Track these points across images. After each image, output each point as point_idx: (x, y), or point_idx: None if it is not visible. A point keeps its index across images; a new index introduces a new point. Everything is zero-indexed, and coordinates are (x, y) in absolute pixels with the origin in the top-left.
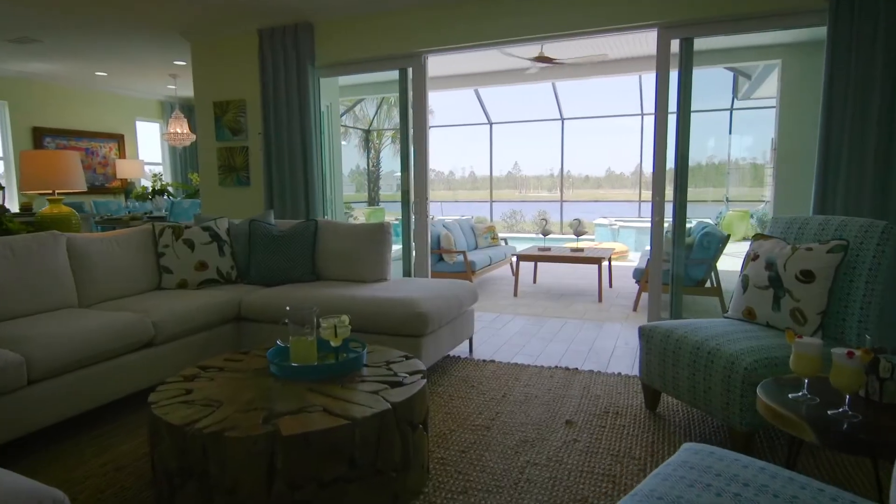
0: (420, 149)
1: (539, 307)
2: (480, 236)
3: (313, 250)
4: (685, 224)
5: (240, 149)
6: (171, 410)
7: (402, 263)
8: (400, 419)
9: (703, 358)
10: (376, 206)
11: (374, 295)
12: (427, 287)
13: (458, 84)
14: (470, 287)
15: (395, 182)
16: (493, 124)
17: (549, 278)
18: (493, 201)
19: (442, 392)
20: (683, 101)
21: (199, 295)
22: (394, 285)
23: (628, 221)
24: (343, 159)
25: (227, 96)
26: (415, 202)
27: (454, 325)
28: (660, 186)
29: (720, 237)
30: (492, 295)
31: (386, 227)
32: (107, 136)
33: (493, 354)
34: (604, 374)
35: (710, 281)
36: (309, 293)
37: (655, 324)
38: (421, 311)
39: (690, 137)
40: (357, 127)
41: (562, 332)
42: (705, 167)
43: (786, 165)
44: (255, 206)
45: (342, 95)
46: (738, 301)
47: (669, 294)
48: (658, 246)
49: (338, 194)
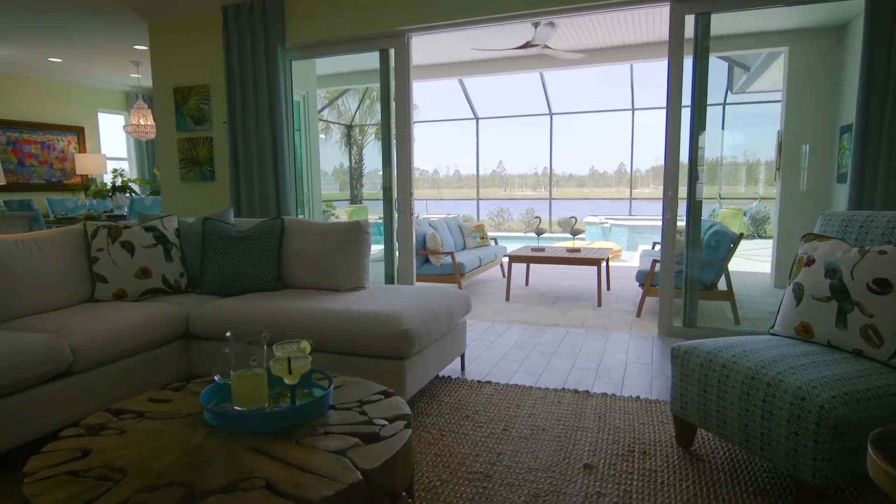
0: (403, 139)
1: (534, 313)
2: (468, 236)
3: (279, 254)
4: (700, 223)
5: (203, 140)
6: (48, 489)
7: (384, 266)
8: (375, 492)
9: (760, 390)
10: (359, 204)
11: (349, 308)
12: (412, 297)
13: (442, 74)
14: (462, 296)
15: (379, 180)
16: (479, 119)
17: (543, 280)
18: (479, 199)
19: (430, 426)
20: (699, 89)
21: (139, 308)
22: (373, 295)
23: (619, 220)
24: (326, 156)
25: (188, 81)
26: (398, 199)
27: (444, 342)
28: (672, 181)
29: (731, 236)
30: (482, 299)
31: (363, 227)
32: (65, 128)
33: (488, 373)
34: (620, 399)
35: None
36: (271, 305)
37: (692, 344)
38: (404, 329)
39: (682, 133)
40: (339, 122)
41: (564, 345)
42: (712, 163)
43: (793, 159)
44: (221, 203)
45: (321, 86)
46: (790, 314)
47: (682, 299)
48: (670, 246)
49: (316, 191)
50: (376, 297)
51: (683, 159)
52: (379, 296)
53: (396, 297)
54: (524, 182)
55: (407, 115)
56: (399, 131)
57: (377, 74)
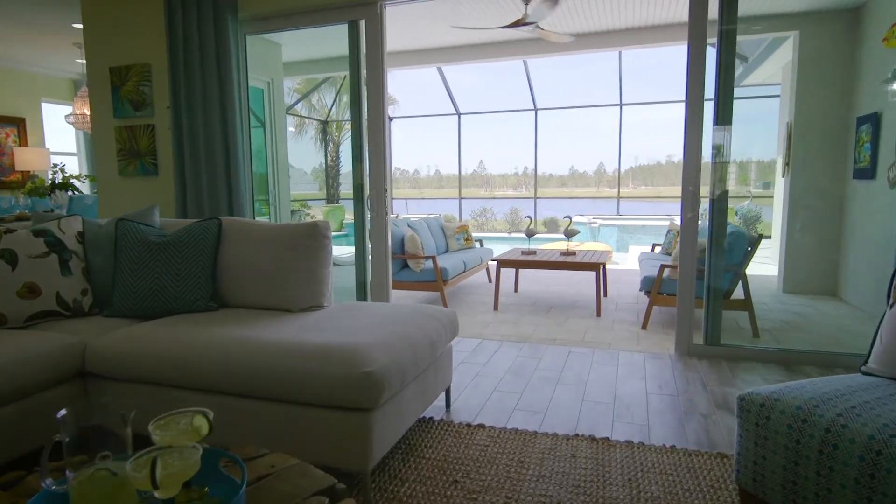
0: (376, 127)
1: (527, 325)
2: (451, 237)
3: (214, 264)
4: (725, 225)
5: (144, 128)
6: None
7: (356, 272)
8: None
9: (892, 471)
10: (336, 203)
11: (300, 340)
12: (384, 321)
13: (421, 60)
14: (447, 316)
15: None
16: (461, 115)
17: (533, 285)
18: (461, 198)
19: (405, 497)
20: (724, 78)
21: (19, 339)
22: (333, 318)
23: (609, 219)
24: (304, 154)
25: (126, 60)
26: (370, 196)
27: (425, 378)
28: (692, 176)
29: (748, 238)
30: (468, 309)
31: (320, 230)
32: (3, 119)
33: (480, 412)
34: (650, 450)
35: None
36: (196, 334)
37: (772, 394)
38: (369, 372)
39: (672, 130)
40: (313, 118)
41: (567, 369)
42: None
43: (803, 154)
44: (166, 202)
45: (288, 74)
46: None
47: (704, 312)
48: (689, 250)
49: (283, 190)
50: (337, 321)
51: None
52: (341, 319)
53: (363, 320)
54: (505, 182)
55: (380, 100)
56: (371, 119)
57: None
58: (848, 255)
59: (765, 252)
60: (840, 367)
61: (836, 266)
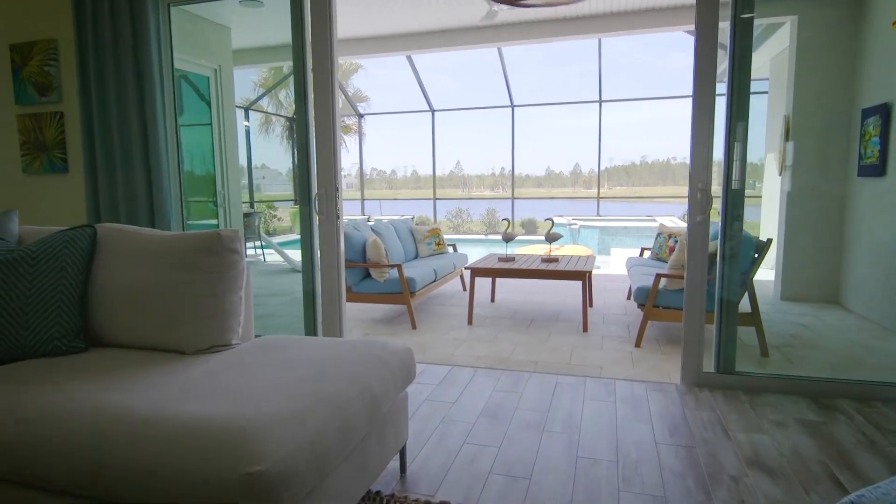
0: (323, 110)
1: (505, 343)
2: (422, 242)
3: (84, 288)
4: (741, 230)
5: (51, 116)
6: None
7: (303, 282)
8: None
9: None
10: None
11: (170, 412)
12: (307, 372)
13: (389, 48)
14: (399, 359)
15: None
16: (435, 111)
17: (512, 294)
18: (436, 199)
19: None
20: (739, 67)
21: None
22: (236, 366)
23: (589, 220)
24: (279, 154)
25: (29, 35)
26: (318, 196)
27: (366, 451)
28: (700, 174)
29: (755, 244)
30: (438, 323)
31: (224, 242)
32: None
33: (445, 478)
34: None
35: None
36: (31, 395)
37: None
38: (257, 473)
39: (647, 131)
40: (280, 114)
41: (555, 408)
42: (664, 164)
43: (802, 151)
44: (76, 204)
45: (239, 63)
46: None
47: (715, 331)
48: (699, 259)
49: (233, 191)
50: (239, 372)
51: (669, 155)
52: (245, 370)
53: (276, 373)
54: (482, 182)
55: (329, 77)
56: (319, 100)
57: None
58: (851, 258)
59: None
60: (877, 400)
61: (837, 271)
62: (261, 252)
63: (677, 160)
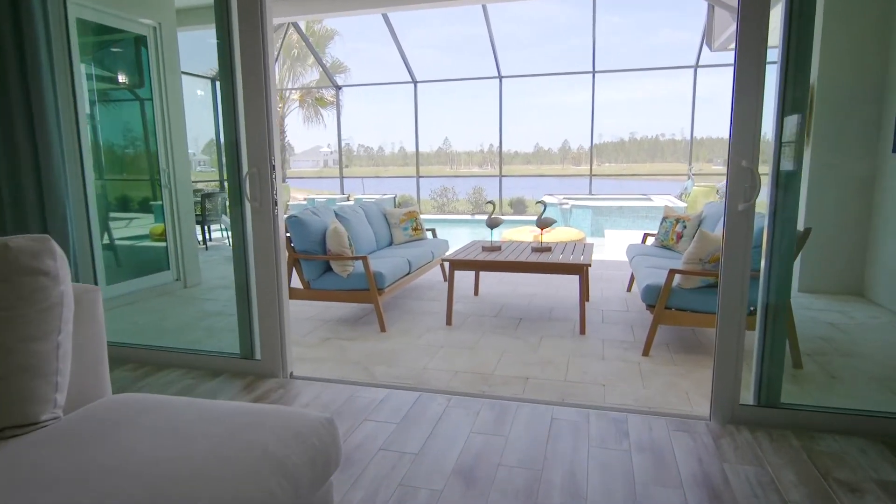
0: (251, 68)
1: (489, 351)
2: (396, 227)
3: None
4: (796, 218)
5: None
6: None
7: (234, 276)
8: None
9: None
10: (283, 182)
11: None
12: (152, 479)
13: (361, 4)
14: (321, 439)
15: (314, 155)
16: (417, 83)
17: (497, 287)
18: (419, 176)
19: None
20: (797, 28)
21: None
22: (31, 464)
23: (581, 200)
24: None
25: None
26: (248, 175)
27: None
28: (744, 150)
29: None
30: (411, 325)
31: (21, 258)
32: None
33: None
34: None
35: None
36: None
37: None
38: None
39: (635, 107)
40: (204, 76)
41: (551, 458)
42: (653, 140)
43: (825, 124)
44: None
45: (185, 23)
46: None
47: (756, 349)
48: (742, 257)
49: (182, 177)
50: (31, 482)
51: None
52: (41, 475)
53: (102, 484)
54: (471, 159)
55: (258, 20)
56: (245, 57)
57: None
58: (880, 246)
59: None
60: None
61: (862, 260)
62: (227, 235)
63: (666, 136)
